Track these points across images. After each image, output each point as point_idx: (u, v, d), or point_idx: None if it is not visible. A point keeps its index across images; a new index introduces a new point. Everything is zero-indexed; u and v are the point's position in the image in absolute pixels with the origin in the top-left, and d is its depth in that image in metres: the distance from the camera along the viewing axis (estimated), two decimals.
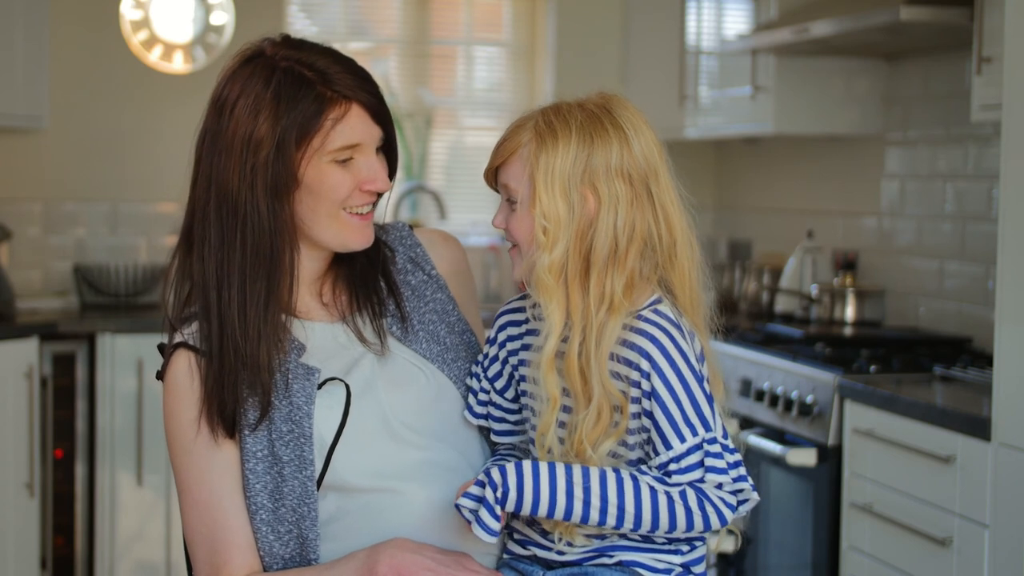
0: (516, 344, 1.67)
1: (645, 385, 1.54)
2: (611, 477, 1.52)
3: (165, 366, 1.71)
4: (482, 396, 1.72)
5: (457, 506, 1.56)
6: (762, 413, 3.66)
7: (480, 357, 1.73)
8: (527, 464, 1.54)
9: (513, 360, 1.68)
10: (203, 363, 1.67)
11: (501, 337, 1.70)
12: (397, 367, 1.74)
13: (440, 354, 1.76)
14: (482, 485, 1.54)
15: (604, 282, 1.54)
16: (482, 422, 1.73)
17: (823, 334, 3.90)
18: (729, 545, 1.74)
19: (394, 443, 1.69)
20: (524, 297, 1.67)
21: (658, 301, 1.57)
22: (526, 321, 1.66)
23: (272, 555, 1.65)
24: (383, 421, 1.69)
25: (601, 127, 1.56)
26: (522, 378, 1.67)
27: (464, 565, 1.61)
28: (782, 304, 4.42)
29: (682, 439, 1.52)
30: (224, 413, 1.65)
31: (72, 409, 4.27)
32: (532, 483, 1.52)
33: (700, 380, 1.55)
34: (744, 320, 4.49)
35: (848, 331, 4.01)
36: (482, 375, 1.72)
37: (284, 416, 1.66)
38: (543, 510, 1.53)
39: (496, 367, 1.70)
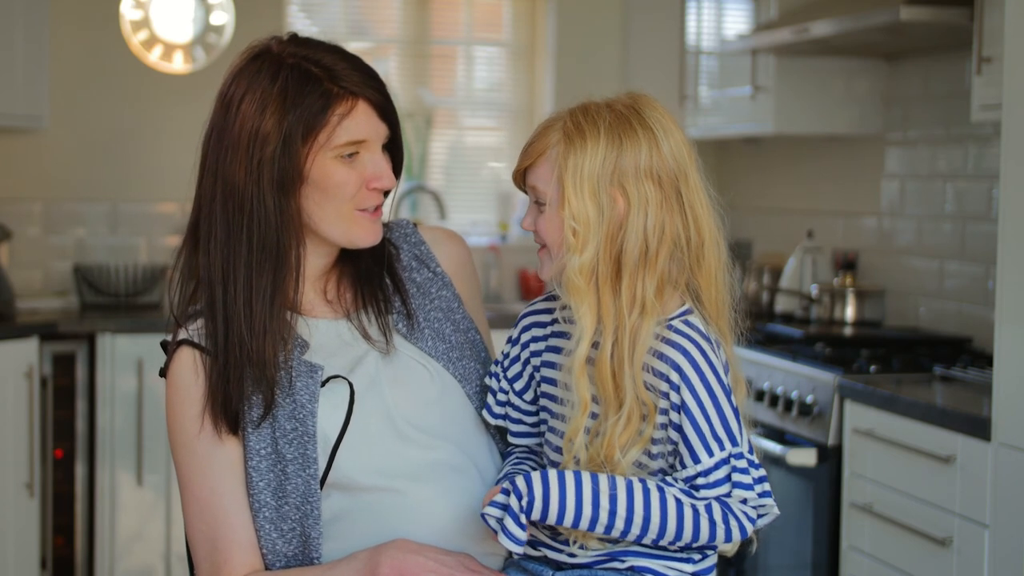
0: (540, 345, 1.66)
1: (674, 398, 1.53)
2: (638, 487, 1.51)
3: (168, 363, 1.71)
4: (501, 396, 1.70)
5: (483, 516, 1.55)
6: (762, 413, 3.67)
7: (500, 356, 1.72)
8: (552, 472, 1.53)
9: (535, 361, 1.67)
10: (207, 360, 1.67)
11: (525, 338, 1.68)
12: (402, 365, 1.73)
13: (446, 352, 1.76)
14: (507, 493, 1.53)
15: (636, 285, 1.53)
16: (500, 422, 1.72)
17: (823, 334, 3.90)
18: (731, 546, 1.73)
19: (399, 441, 1.68)
20: (549, 299, 1.66)
21: (688, 312, 1.57)
22: (552, 323, 1.64)
23: (275, 552, 1.65)
24: (387, 419, 1.69)
25: (630, 128, 1.54)
26: (543, 380, 1.66)
27: (467, 566, 1.61)
28: (782, 304, 4.42)
29: (710, 453, 1.52)
30: (228, 409, 1.65)
31: (72, 409, 4.27)
32: (559, 492, 1.51)
33: (728, 394, 1.54)
34: (744, 320, 4.48)
35: (848, 331, 4.01)
36: (502, 375, 1.70)
37: (287, 414, 1.66)
38: (569, 519, 1.52)
39: (517, 368, 1.69)
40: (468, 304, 1.85)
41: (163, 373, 1.72)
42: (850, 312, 4.12)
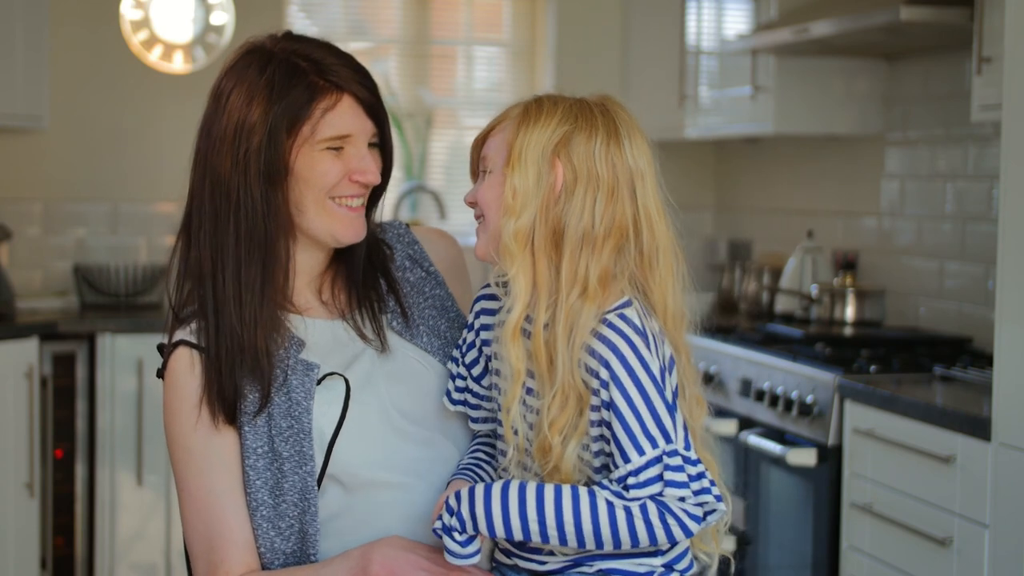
0: (490, 333, 1.65)
1: (604, 395, 1.50)
2: (566, 493, 1.50)
3: (165, 364, 1.72)
4: (459, 383, 1.70)
5: (435, 531, 1.55)
6: (762, 413, 3.66)
7: (460, 342, 1.71)
8: (479, 487, 1.53)
9: (487, 350, 1.66)
10: (203, 357, 1.68)
11: (477, 323, 1.68)
12: (398, 362, 1.74)
13: (442, 348, 1.77)
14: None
15: (577, 264, 1.52)
16: (460, 408, 1.71)
17: (823, 334, 3.90)
18: (730, 545, 1.72)
19: (395, 436, 1.69)
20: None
21: (626, 304, 1.54)
22: (501, 309, 1.64)
23: (274, 550, 1.65)
24: (384, 414, 1.69)
25: (590, 114, 1.55)
26: (494, 368, 1.65)
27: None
28: (782, 304, 4.42)
29: (640, 452, 1.49)
30: (224, 399, 1.66)
31: (72, 409, 4.27)
32: (484, 505, 1.51)
33: (661, 391, 1.51)
34: (744, 320, 4.48)
35: (848, 331, 4.01)
36: (460, 361, 1.69)
37: (283, 411, 1.66)
38: (500, 531, 1.51)
39: (473, 353, 1.68)
40: (461, 302, 1.86)
41: (160, 374, 1.73)
42: (850, 312, 4.11)
